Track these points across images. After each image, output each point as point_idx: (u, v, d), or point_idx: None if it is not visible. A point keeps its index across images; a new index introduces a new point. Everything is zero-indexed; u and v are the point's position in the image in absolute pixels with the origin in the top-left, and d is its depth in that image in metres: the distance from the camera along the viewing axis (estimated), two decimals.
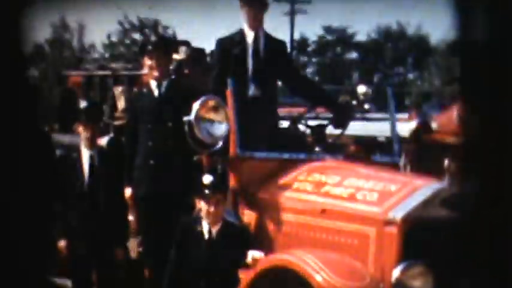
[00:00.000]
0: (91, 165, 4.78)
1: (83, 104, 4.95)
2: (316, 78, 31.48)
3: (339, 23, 33.90)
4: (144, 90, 4.94)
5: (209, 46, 6.96)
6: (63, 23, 29.98)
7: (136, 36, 32.22)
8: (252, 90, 4.44)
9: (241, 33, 4.58)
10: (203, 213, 3.88)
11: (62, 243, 4.73)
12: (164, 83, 4.77)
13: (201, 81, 5.51)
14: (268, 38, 4.64)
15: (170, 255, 3.98)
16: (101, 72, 8.24)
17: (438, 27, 34.06)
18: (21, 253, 4.70)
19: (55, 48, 29.96)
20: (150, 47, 4.84)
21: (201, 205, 3.89)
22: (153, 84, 4.79)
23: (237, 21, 4.76)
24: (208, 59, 6.58)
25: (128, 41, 32.55)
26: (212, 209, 3.82)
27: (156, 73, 4.74)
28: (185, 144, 4.27)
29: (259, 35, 4.57)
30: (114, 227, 4.71)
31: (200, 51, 6.79)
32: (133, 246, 5.11)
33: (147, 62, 4.81)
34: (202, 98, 4.11)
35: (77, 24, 30.15)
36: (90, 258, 4.71)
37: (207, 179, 3.85)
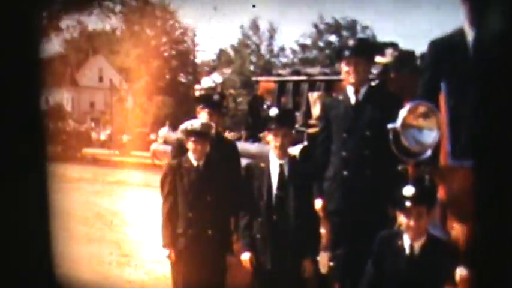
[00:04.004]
0: (280, 175, 5.13)
1: (273, 111, 5.29)
2: None
3: None
4: (340, 96, 5.24)
5: (419, 48, 7.11)
6: (254, 25, 31.42)
7: (332, 38, 32.86)
8: (470, 95, 4.54)
9: (460, 33, 4.62)
10: (404, 227, 4.09)
11: (246, 256, 5.16)
12: (362, 89, 5.07)
13: (409, 85, 5.68)
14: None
15: (366, 270, 4.24)
16: (294, 78, 8.71)
17: None
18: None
19: (241, 53, 31.37)
20: (347, 52, 5.10)
21: (402, 218, 4.11)
22: (350, 90, 5.10)
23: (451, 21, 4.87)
24: (418, 61, 6.73)
25: (321, 44, 33.31)
26: (412, 222, 4.03)
27: (353, 80, 5.05)
28: (384, 154, 4.51)
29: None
30: (304, 240, 5.02)
31: (409, 54, 6.96)
32: (324, 260, 5.40)
33: (344, 67, 5.10)
34: (411, 104, 4.30)
35: (269, 26, 31.39)
36: (276, 273, 5.04)
37: (408, 190, 4.06)
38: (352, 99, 5.08)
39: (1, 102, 3.60)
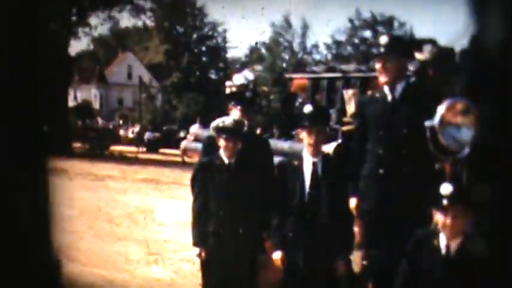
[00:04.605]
0: (313, 173, 5.14)
1: (307, 108, 5.30)
2: None
3: None
4: (377, 94, 5.27)
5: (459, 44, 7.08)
6: (286, 21, 31.61)
7: (367, 34, 32.91)
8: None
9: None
10: (440, 226, 4.11)
11: (277, 255, 5.17)
12: (399, 87, 5.09)
13: (447, 83, 5.69)
14: None
15: (400, 269, 4.28)
16: (329, 75, 8.75)
17: None
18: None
19: (272, 50, 31.56)
20: (378, 49, 5.15)
21: (438, 217, 4.12)
22: (386, 87, 5.13)
23: None
24: (457, 58, 6.73)
25: (356, 40, 33.38)
26: (449, 221, 4.05)
27: (384, 78, 5.08)
28: (421, 152, 4.51)
29: None
30: (337, 239, 5.02)
31: (448, 50, 6.95)
32: (357, 259, 5.41)
33: (376, 65, 5.15)
34: (449, 101, 4.33)
35: (301, 23, 31.57)
36: (309, 272, 5.05)
37: (446, 188, 4.07)
38: (389, 97, 5.11)
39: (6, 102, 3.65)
